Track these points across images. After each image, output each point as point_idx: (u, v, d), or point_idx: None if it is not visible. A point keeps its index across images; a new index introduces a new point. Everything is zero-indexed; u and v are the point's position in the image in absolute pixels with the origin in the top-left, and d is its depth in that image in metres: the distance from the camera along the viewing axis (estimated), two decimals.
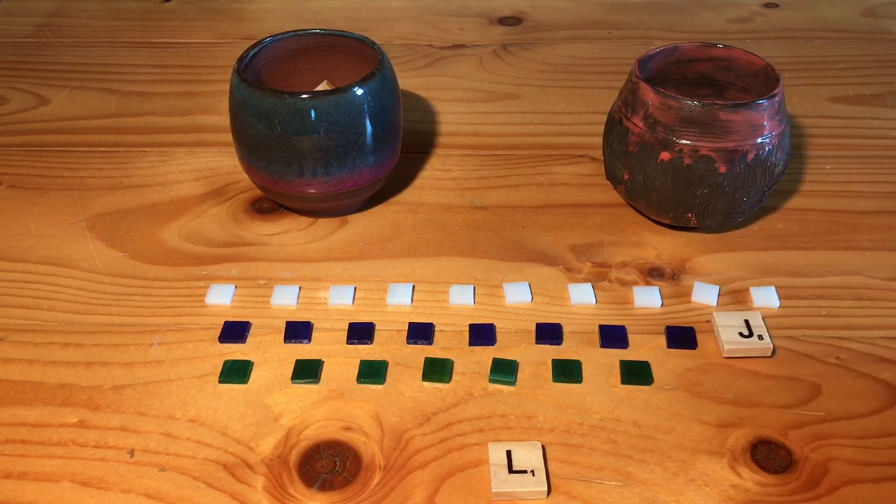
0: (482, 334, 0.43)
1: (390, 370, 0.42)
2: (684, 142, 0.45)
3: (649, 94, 0.45)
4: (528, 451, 0.37)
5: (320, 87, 0.54)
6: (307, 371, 0.41)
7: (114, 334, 0.44)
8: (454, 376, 0.41)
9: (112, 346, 0.43)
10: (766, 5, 0.79)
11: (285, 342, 0.43)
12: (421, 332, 0.43)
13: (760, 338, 0.42)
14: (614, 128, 0.48)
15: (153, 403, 0.40)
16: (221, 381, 0.41)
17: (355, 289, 0.46)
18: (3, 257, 0.49)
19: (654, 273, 0.47)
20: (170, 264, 0.48)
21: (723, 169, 0.45)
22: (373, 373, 0.41)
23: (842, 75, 0.68)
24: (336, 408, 0.40)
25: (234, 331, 0.43)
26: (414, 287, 0.46)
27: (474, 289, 0.46)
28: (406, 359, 0.42)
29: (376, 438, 0.38)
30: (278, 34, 0.52)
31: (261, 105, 0.46)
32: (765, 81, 0.48)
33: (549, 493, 0.35)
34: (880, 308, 0.45)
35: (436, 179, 0.56)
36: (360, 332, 0.43)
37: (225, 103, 0.51)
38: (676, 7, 0.79)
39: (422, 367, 0.42)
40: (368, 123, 0.47)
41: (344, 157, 0.47)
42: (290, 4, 0.80)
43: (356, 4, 0.80)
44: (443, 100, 0.64)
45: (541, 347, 0.43)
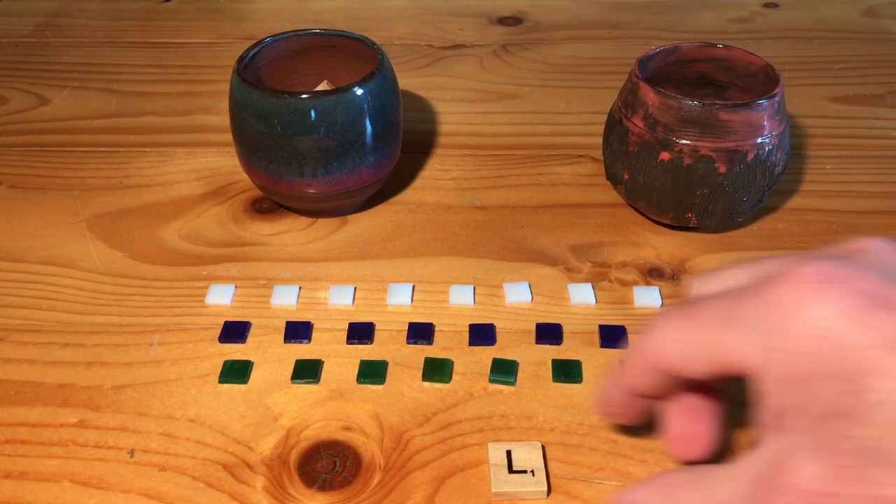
0: (482, 334, 0.43)
1: (390, 370, 0.42)
2: (684, 142, 0.45)
3: (649, 94, 0.45)
4: (528, 452, 0.37)
5: (320, 87, 0.54)
6: (307, 371, 0.41)
7: (114, 334, 0.44)
8: (454, 376, 0.41)
9: (112, 346, 0.43)
10: (766, 5, 0.79)
11: (285, 342, 0.43)
12: (421, 332, 0.43)
13: None
14: (614, 128, 0.48)
15: (153, 403, 0.40)
16: (221, 381, 0.41)
17: (355, 289, 0.46)
18: (3, 257, 0.49)
19: (654, 273, 0.47)
20: (170, 264, 0.48)
21: (723, 169, 0.45)
22: (373, 373, 0.41)
23: (842, 75, 0.68)
24: (336, 408, 0.40)
25: (234, 331, 0.43)
26: (414, 287, 0.46)
27: (474, 289, 0.46)
28: (406, 359, 0.42)
29: (376, 438, 0.38)
30: (278, 34, 0.52)
31: (261, 105, 0.46)
32: (765, 81, 0.48)
33: (549, 493, 0.35)
34: None
35: (436, 179, 0.56)
36: (360, 332, 0.43)
37: (225, 103, 0.50)
38: (676, 7, 0.79)
39: (422, 367, 0.42)
40: (368, 123, 0.47)
41: (344, 157, 0.47)
42: (290, 4, 0.80)
43: (356, 4, 0.80)
44: (443, 100, 0.64)
45: (541, 347, 0.43)
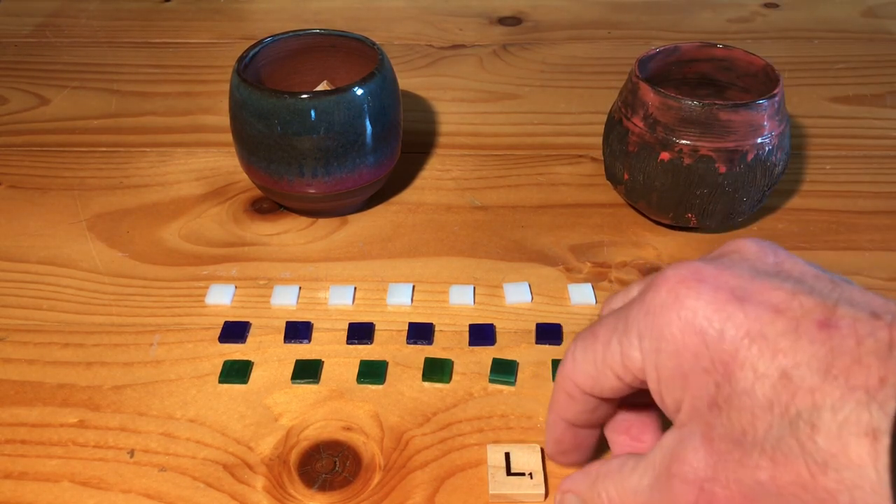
0: (482, 334, 0.43)
1: (390, 370, 0.42)
2: (684, 142, 0.45)
3: (649, 94, 0.45)
4: (526, 454, 0.36)
5: (320, 87, 0.54)
6: (307, 371, 0.41)
7: (114, 334, 0.44)
8: (454, 376, 0.41)
9: (112, 346, 0.43)
10: (766, 5, 0.79)
11: (285, 342, 0.43)
12: (421, 332, 0.43)
13: None
14: (614, 128, 0.48)
15: (153, 403, 0.40)
16: (221, 382, 0.41)
17: (355, 289, 0.46)
18: (3, 257, 0.49)
19: (654, 273, 0.47)
20: (170, 264, 0.48)
21: (723, 169, 0.45)
22: (373, 373, 0.41)
23: (842, 75, 0.68)
24: (336, 408, 0.40)
25: (234, 331, 0.43)
26: (414, 287, 0.46)
27: (474, 289, 0.46)
28: (406, 359, 0.42)
29: (376, 438, 0.38)
30: (278, 34, 0.52)
31: (261, 105, 0.46)
32: (765, 81, 0.48)
33: (546, 495, 0.35)
34: None
35: (436, 179, 0.56)
36: (360, 332, 0.43)
37: (225, 103, 0.50)
38: (676, 7, 0.79)
39: (422, 367, 0.42)
40: (368, 123, 0.47)
41: (344, 157, 0.47)
42: (290, 4, 0.80)
43: (356, 4, 0.80)
44: (443, 100, 0.64)
45: (541, 347, 0.43)
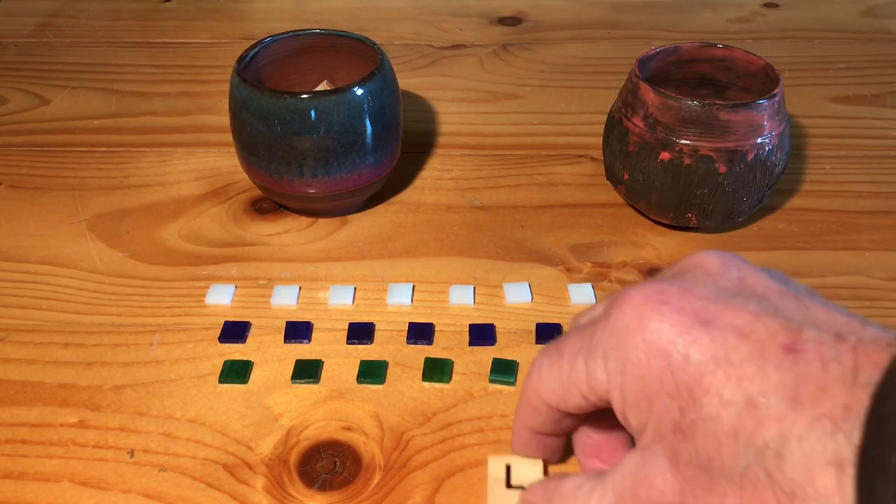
0: (482, 334, 0.43)
1: (390, 370, 0.42)
2: (684, 142, 0.45)
3: (649, 94, 0.45)
4: (528, 467, 0.35)
5: (320, 87, 0.54)
6: (307, 371, 0.41)
7: (114, 334, 0.44)
8: (454, 376, 0.41)
9: (112, 346, 0.43)
10: (766, 5, 0.79)
11: (285, 342, 0.43)
12: (421, 332, 0.43)
13: None
14: (614, 128, 0.48)
15: (153, 403, 0.40)
16: (221, 381, 0.41)
17: (355, 289, 0.46)
18: (3, 257, 0.49)
19: (654, 273, 0.47)
20: (170, 264, 0.48)
21: (723, 169, 0.45)
22: (373, 373, 0.41)
23: (842, 75, 0.68)
24: (336, 408, 0.40)
25: (234, 331, 0.43)
26: (414, 287, 0.46)
27: (474, 289, 0.46)
28: (406, 359, 0.42)
29: (376, 438, 0.38)
30: (278, 34, 0.52)
31: (261, 105, 0.46)
32: (765, 81, 0.48)
33: None
34: (880, 308, 0.45)
35: (436, 179, 0.56)
36: (360, 332, 0.43)
37: (225, 103, 0.50)
38: (676, 7, 0.79)
39: (422, 367, 0.42)
40: (368, 123, 0.47)
41: (344, 157, 0.47)
42: (290, 4, 0.80)
43: (356, 4, 0.80)
44: (443, 100, 0.64)
45: (541, 347, 0.43)
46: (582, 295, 0.46)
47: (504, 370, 0.41)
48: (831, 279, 0.47)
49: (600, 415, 0.32)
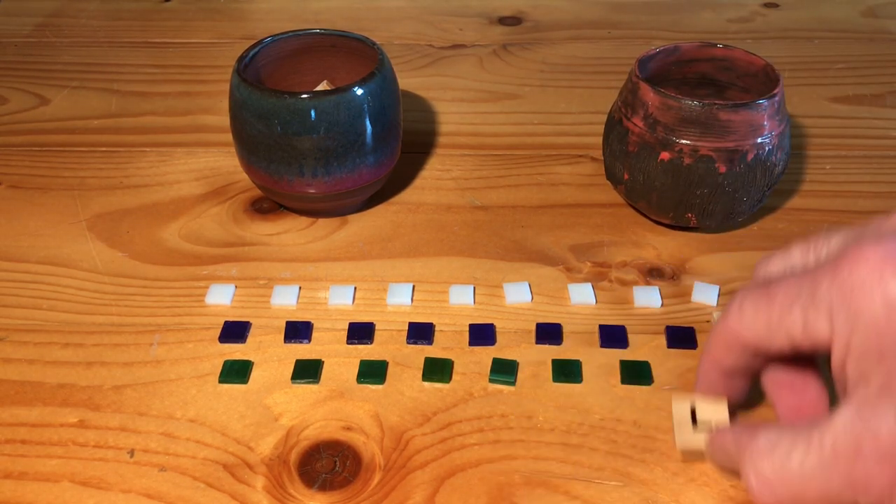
0: (482, 334, 0.43)
1: (390, 370, 0.42)
2: (684, 142, 0.45)
3: (649, 94, 0.45)
4: (713, 407, 0.36)
5: (320, 87, 0.54)
6: (307, 371, 0.41)
7: (114, 334, 0.44)
8: (454, 376, 0.41)
9: (112, 346, 0.43)
10: (766, 5, 0.79)
11: (285, 342, 0.43)
12: (421, 332, 0.43)
13: None
14: (614, 128, 0.48)
15: (153, 403, 0.40)
16: (221, 381, 0.41)
17: (355, 289, 0.46)
18: (3, 257, 0.49)
19: (654, 273, 0.47)
20: (170, 264, 0.48)
21: (723, 169, 0.45)
22: (373, 373, 0.41)
23: (842, 75, 0.68)
24: (336, 408, 0.40)
25: (234, 331, 0.43)
26: (414, 287, 0.46)
27: (474, 289, 0.46)
28: (406, 359, 0.42)
29: (376, 438, 0.38)
30: (278, 34, 0.52)
31: (261, 105, 0.46)
32: (765, 81, 0.48)
33: None
34: None
35: (436, 179, 0.56)
36: (360, 332, 0.43)
37: (225, 103, 0.50)
38: (676, 7, 0.79)
39: (422, 367, 0.42)
40: (368, 123, 0.47)
41: (344, 157, 0.47)
42: (290, 4, 0.80)
43: (356, 4, 0.80)
44: (443, 100, 0.64)
45: (541, 347, 0.43)
46: (582, 295, 0.46)
47: (504, 370, 0.41)
48: None
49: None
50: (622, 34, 0.74)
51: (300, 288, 0.46)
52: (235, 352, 0.43)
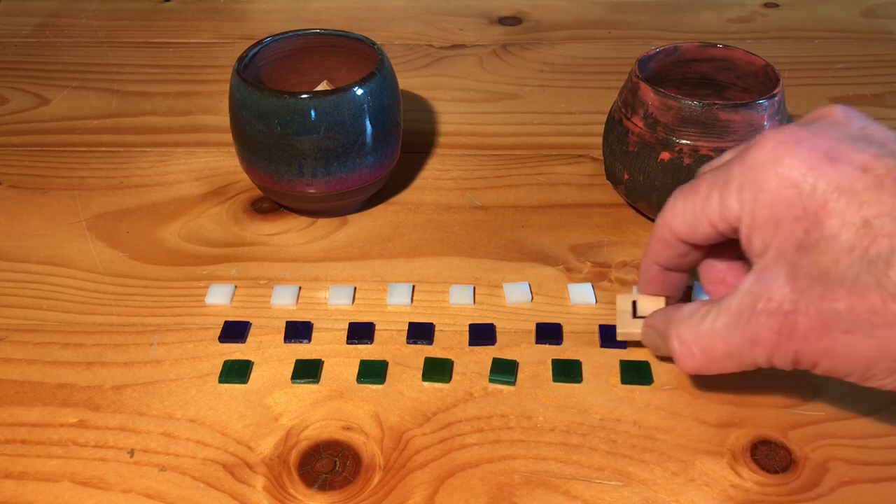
0: (482, 334, 0.43)
1: (390, 370, 0.42)
2: (684, 142, 0.45)
3: (649, 94, 0.45)
4: (651, 302, 0.40)
5: (320, 87, 0.54)
6: (307, 371, 0.41)
7: (114, 334, 0.44)
8: (454, 376, 0.41)
9: (112, 346, 0.43)
10: (766, 5, 0.79)
11: (285, 342, 0.43)
12: (421, 332, 0.43)
13: None
14: (614, 128, 0.48)
15: (153, 403, 0.40)
16: (221, 381, 0.41)
17: (355, 289, 0.46)
18: (3, 257, 0.49)
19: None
20: (170, 264, 0.48)
21: None
22: (373, 373, 0.41)
23: (842, 75, 0.68)
24: (336, 408, 0.40)
25: (234, 331, 0.43)
26: (414, 287, 0.46)
27: (474, 289, 0.46)
28: (406, 359, 0.42)
29: (376, 438, 0.38)
30: (278, 34, 0.52)
31: (261, 105, 0.46)
32: (765, 81, 0.48)
33: None
34: None
35: (436, 179, 0.56)
36: (360, 332, 0.43)
37: (225, 103, 0.50)
38: (676, 7, 0.79)
39: (422, 367, 0.42)
40: (368, 123, 0.47)
41: (344, 157, 0.47)
42: (290, 4, 0.80)
43: (356, 4, 0.80)
44: (443, 100, 0.64)
45: (541, 347, 0.43)
46: (582, 295, 0.46)
47: (504, 370, 0.41)
48: None
49: (723, 248, 0.36)
50: (622, 34, 0.74)
51: (300, 288, 0.46)
52: (235, 352, 0.43)
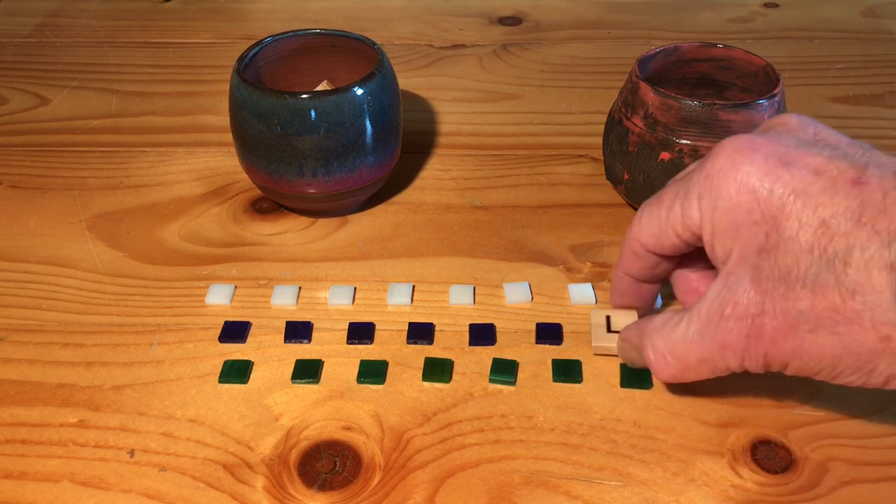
0: (482, 334, 0.43)
1: (390, 370, 0.42)
2: (684, 142, 0.45)
3: (649, 94, 0.45)
4: (624, 317, 0.41)
5: (320, 87, 0.54)
6: (307, 371, 0.41)
7: (114, 334, 0.44)
8: (454, 376, 0.41)
9: (112, 346, 0.43)
10: (766, 5, 0.79)
11: (285, 342, 0.43)
12: (421, 332, 0.43)
13: None
14: (614, 128, 0.48)
15: (153, 403, 0.40)
16: (221, 381, 0.41)
17: (355, 289, 0.46)
18: (3, 257, 0.49)
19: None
20: (170, 264, 0.48)
21: None
22: (373, 373, 0.41)
23: (842, 75, 0.68)
24: (336, 408, 0.40)
25: (234, 331, 0.43)
26: (414, 287, 0.46)
27: (474, 289, 0.46)
28: (406, 359, 0.42)
29: (376, 438, 0.38)
30: (278, 34, 0.52)
31: (261, 105, 0.46)
32: (765, 81, 0.48)
33: None
34: None
35: (436, 179, 0.56)
36: (360, 332, 0.43)
37: (225, 103, 0.51)
38: (676, 7, 0.79)
39: (422, 367, 0.42)
40: (368, 123, 0.47)
41: (344, 157, 0.47)
42: (290, 4, 0.80)
43: (356, 4, 0.80)
44: (443, 100, 0.64)
45: (541, 347, 0.43)
46: (582, 295, 0.46)
47: (504, 370, 0.41)
48: None
49: (694, 258, 0.38)
50: (622, 34, 0.74)
51: (300, 288, 0.46)
52: (235, 352, 0.43)
